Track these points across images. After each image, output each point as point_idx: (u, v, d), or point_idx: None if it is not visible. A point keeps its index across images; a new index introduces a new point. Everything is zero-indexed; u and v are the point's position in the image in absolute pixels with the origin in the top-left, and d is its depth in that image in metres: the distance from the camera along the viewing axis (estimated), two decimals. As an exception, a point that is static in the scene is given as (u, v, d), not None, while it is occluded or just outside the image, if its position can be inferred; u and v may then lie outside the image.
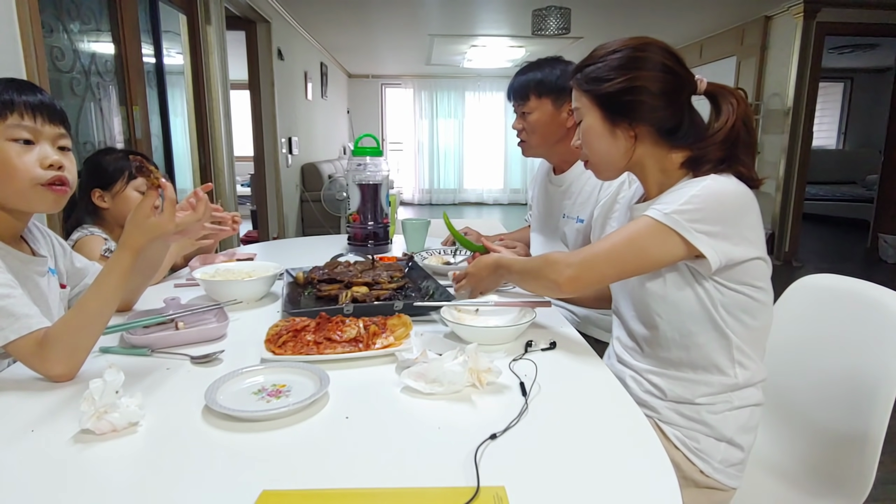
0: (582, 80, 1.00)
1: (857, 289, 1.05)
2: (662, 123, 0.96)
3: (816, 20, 4.67)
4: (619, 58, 0.96)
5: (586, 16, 4.93)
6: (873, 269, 4.93)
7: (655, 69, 0.94)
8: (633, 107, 0.95)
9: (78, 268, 1.16)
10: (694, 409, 0.94)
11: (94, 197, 1.53)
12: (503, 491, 0.57)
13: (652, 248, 0.89)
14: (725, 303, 0.91)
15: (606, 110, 0.97)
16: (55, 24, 2.16)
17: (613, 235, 0.94)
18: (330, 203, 5.04)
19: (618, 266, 0.92)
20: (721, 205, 0.87)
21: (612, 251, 0.92)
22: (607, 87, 0.96)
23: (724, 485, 0.93)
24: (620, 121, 0.97)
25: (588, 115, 1.00)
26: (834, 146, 8.87)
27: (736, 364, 0.93)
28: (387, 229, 1.83)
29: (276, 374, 0.84)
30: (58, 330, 0.84)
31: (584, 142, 1.03)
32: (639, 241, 0.90)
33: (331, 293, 1.21)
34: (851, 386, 0.98)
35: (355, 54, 7.40)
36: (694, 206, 0.86)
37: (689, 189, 0.89)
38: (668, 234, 0.87)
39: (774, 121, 5.08)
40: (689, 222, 0.86)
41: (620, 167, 1.02)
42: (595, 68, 0.98)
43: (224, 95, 3.53)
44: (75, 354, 0.84)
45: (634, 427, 0.73)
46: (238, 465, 0.63)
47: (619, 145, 0.98)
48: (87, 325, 0.85)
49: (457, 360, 0.82)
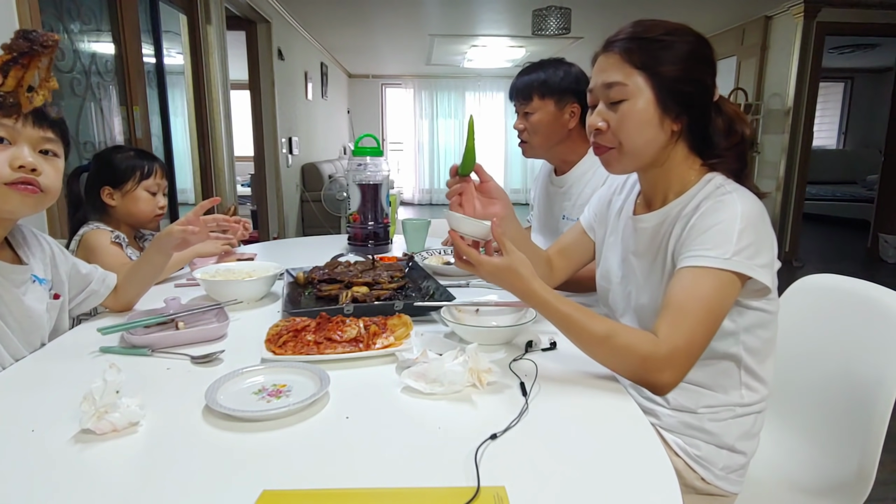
0: (640, 54, 0.87)
1: (858, 289, 1.05)
2: (700, 124, 0.91)
3: (817, 20, 4.67)
4: (687, 42, 0.88)
5: (586, 16, 4.92)
6: (873, 269, 4.93)
7: (711, 66, 0.91)
8: (689, 99, 0.89)
9: (83, 273, 1.15)
10: (696, 417, 0.93)
11: (103, 194, 1.52)
12: (503, 491, 0.57)
13: (729, 298, 0.82)
14: (745, 323, 0.90)
15: (662, 95, 0.87)
16: (55, 25, 2.16)
17: (690, 310, 0.80)
18: (330, 203, 5.04)
19: (710, 335, 0.82)
20: (762, 230, 0.84)
21: (702, 326, 0.80)
22: (673, 71, 0.87)
23: (725, 491, 0.92)
24: (671, 111, 0.88)
25: (638, 97, 0.88)
26: (834, 146, 8.87)
27: (743, 386, 0.92)
28: (387, 229, 1.83)
29: (277, 374, 0.84)
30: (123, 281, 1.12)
31: (619, 125, 0.90)
32: (719, 299, 0.81)
33: (331, 293, 1.21)
34: (852, 386, 0.98)
35: (355, 54, 7.40)
36: (747, 241, 0.81)
37: (726, 219, 0.83)
38: (735, 279, 0.81)
39: (775, 121, 5.08)
40: (749, 259, 0.81)
41: (647, 163, 0.93)
42: (660, 47, 0.87)
43: (224, 95, 3.53)
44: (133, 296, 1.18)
45: (635, 427, 0.73)
46: (238, 465, 0.63)
47: (661, 138, 0.90)
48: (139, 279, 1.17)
49: (457, 360, 0.82)
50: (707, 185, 0.90)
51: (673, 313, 0.80)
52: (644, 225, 0.98)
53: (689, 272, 0.82)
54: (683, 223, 0.89)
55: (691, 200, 0.90)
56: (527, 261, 0.88)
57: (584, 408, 0.79)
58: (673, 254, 0.90)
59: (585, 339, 0.83)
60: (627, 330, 0.82)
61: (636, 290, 1.00)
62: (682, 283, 0.82)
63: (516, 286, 0.87)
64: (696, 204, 0.89)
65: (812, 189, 6.24)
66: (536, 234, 1.70)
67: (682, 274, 0.83)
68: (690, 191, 0.92)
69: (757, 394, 0.93)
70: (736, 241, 0.81)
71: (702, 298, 0.80)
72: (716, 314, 0.81)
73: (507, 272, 0.87)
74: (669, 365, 0.78)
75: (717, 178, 0.91)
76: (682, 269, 0.84)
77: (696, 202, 0.89)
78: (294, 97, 5.31)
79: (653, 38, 0.88)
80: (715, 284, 0.80)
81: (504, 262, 0.87)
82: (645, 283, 0.97)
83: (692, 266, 0.82)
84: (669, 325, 0.80)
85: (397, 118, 9.54)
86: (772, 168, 5.13)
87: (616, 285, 1.06)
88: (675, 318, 0.80)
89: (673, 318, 0.80)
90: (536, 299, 0.86)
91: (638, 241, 0.99)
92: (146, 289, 1.22)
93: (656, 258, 0.95)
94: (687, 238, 0.86)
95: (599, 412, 0.77)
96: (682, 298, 0.81)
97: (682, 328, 0.79)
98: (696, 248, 0.83)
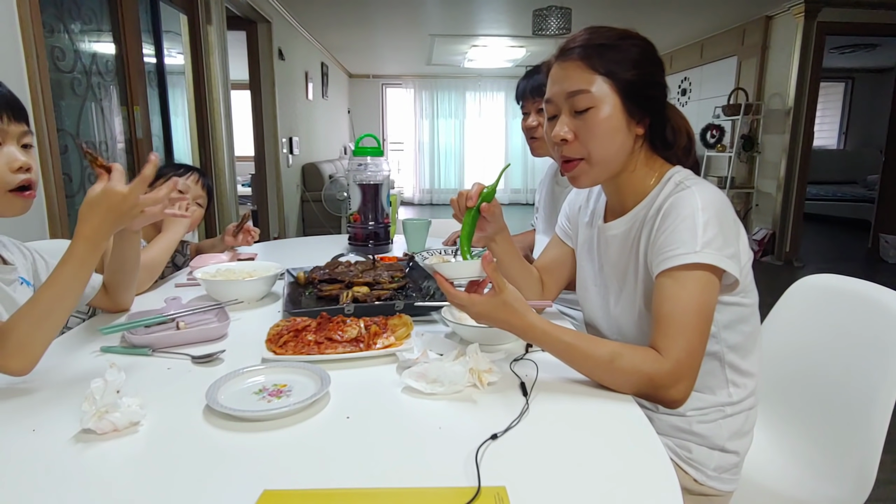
0: (601, 60, 0.87)
1: (858, 289, 1.05)
2: (660, 124, 0.92)
3: (817, 20, 4.67)
4: (638, 46, 0.88)
5: (586, 16, 4.92)
6: (874, 269, 4.93)
7: (663, 68, 0.91)
8: (652, 101, 0.89)
9: None
10: (685, 420, 0.93)
11: None
12: (504, 491, 0.57)
13: (713, 295, 0.81)
14: (723, 320, 0.90)
15: (628, 100, 0.87)
16: (56, 25, 2.17)
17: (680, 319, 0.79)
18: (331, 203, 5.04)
19: (705, 338, 0.81)
20: (725, 220, 0.82)
21: (696, 331, 0.79)
22: (634, 75, 0.86)
23: (718, 490, 0.92)
24: (636, 114, 0.88)
25: (604, 104, 0.86)
26: (835, 146, 8.86)
27: (729, 384, 0.92)
28: (387, 229, 1.83)
29: (277, 374, 0.84)
30: (11, 323, 0.80)
31: (588, 135, 0.88)
32: (704, 300, 0.80)
33: (332, 293, 1.21)
34: (852, 386, 0.98)
35: (356, 54, 7.41)
36: (712, 232, 0.80)
37: (688, 214, 0.82)
38: (711, 275, 0.80)
39: (775, 121, 5.08)
40: (719, 251, 0.80)
41: (616, 170, 0.92)
42: (617, 51, 0.87)
43: (225, 95, 3.53)
44: (29, 348, 0.80)
45: (635, 427, 0.73)
46: (239, 465, 0.63)
47: (628, 143, 0.90)
48: (42, 318, 0.81)
49: (458, 360, 0.82)
50: (667, 183, 0.90)
51: (665, 325, 0.80)
52: (613, 232, 0.97)
53: (668, 280, 0.81)
54: (650, 226, 0.88)
55: (655, 201, 0.90)
56: (519, 295, 0.85)
57: (584, 408, 0.78)
58: (645, 259, 0.89)
59: (590, 365, 0.82)
60: (630, 350, 0.80)
61: (613, 298, 0.99)
62: (665, 293, 0.81)
63: (512, 322, 0.84)
64: (659, 205, 0.88)
65: (813, 189, 6.24)
66: (542, 234, 1.71)
67: (661, 283, 0.82)
68: (653, 192, 0.92)
69: (744, 390, 0.93)
70: (701, 233, 0.80)
71: (688, 304, 0.79)
72: (705, 315, 0.80)
73: (503, 309, 0.83)
74: (676, 378, 0.78)
75: (676, 176, 0.90)
76: (659, 276, 0.83)
77: (658, 203, 0.89)
78: (294, 97, 5.31)
79: (609, 45, 0.87)
80: (696, 287, 0.80)
81: (497, 300, 0.83)
82: (620, 290, 0.97)
83: (667, 269, 0.82)
84: (665, 338, 0.79)
85: (398, 118, 9.55)
86: (772, 168, 5.13)
87: (593, 294, 1.05)
88: (668, 330, 0.79)
89: (667, 330, 0.79)
90: (535, 332, 0.83)
91: (609, 249, 0.99)
92: (133, 279, 1.14)
93: (628, 265, 0.94)
94: (655, 241, 0.86)
95: (600, 412, 0.77)
96: (670, 308, 0.80)
97: (678, 339, 0.78)
98: (666, 250, 0.83)
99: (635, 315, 0.93)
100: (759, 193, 5.39)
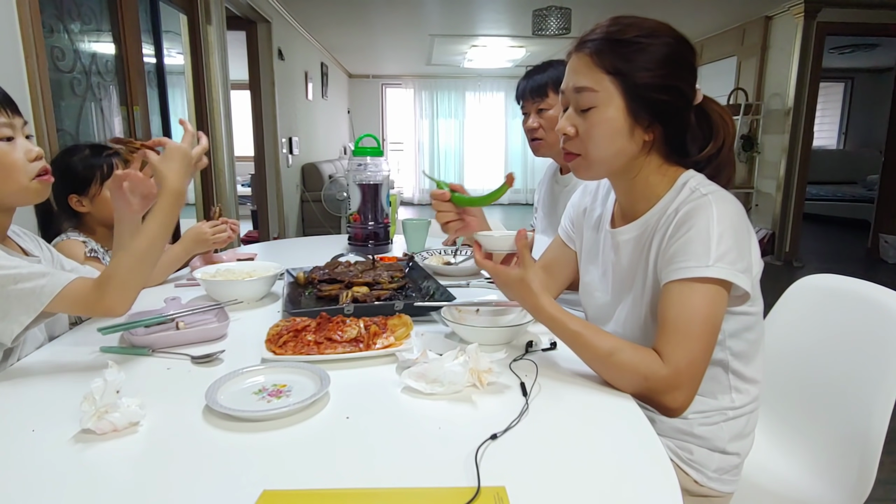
0: (612, 57, 0.82)
1: (858, 289, 1.05)
2: (676, 132, 0.88)
3: (817, 20, 4.68)
4: (665, 45, 0.83)
5: (586, 16, 4.92)
6: (874, 269, 4.93)
7: (691, 71, 0.86)
8: (664, 108, 0.84)
9: (68, 270, 1.14)
10: (686, 422, 0.92)
11: (71, 203, 1.43)
12: (504, 491, 0.57)
13: (721, 307, 0.80)
14: (730, 329, 0.89)
15: (634, 103, 0.83)
16: (56, 25, 2.16)
17: (686, 328, 0.78)
18: (330, 203, 5.04)
19: (710, 349, 0.80)
20: (740, 233, 0.81)
21: (700, 342, 0.78)
22: (647, 77, 0.82)
23: (719, 492, 0.92)
24: (643, 120, 0.84)
25: (607, 105, 0.83)
26: (834, 146, 8.87)
27: (732, 390, 0.92)
28: (387, 229, 1.83)
29: (277, 374, 0.84)
30: (111, 269, 0.90)
31: (587, 134, 0.86)
32: (712, 312, 0.79)
33: (331, 293, 1.21)
34: (852, 386, 0.98)
35: (356, 54, 7.40)
36: (726, 246, 0.78)
37: (703, 226, 0.80)
38: (721, 287, 0.79)
39: (775, 121, 5.08)
40: (731, 265, 0.78)
41: (617, 172, 0.91)
42: (635, 49, 0.82)
43: (224, 95, 3.53)
44: (129, 290, 0.90)
45: (635, 427, 0.73)
46: (239, 465, 0.63)
47: (630, 149, 0.86)
48: (137, 264, 0.91)
49: (457, 360, 0.82)
50: (682, 190, 0.87)
51: (669, 333, 0.79)
52: (623, 238, 0.95)
53: (676, 287, 0.80)
54: (662, 234, 0.86)
55: (668, 208, 0.87)
56: (540, 274, 0.88)
57: (584, 408, 0.79)
58: (655, 266, 0.88)
59: (590, 356, 0.83)
60: (632, 348, 0.80)
61: (618, 302, 0.98)
62: (672, 301, 0.80)
63: (526, 300, 0.88)
64: (672, 212, 0.86)
65: (812, 189, 6.24)
66: (541, 235, 1.71)
67: (669, 290, 0.81)
68: (666, 197, 0.89)
69: (747, 395, 0.93)
70: (715, 247, 0.78)
71: (694, 314, 0.78)
72: (711, 327, 0.79)
73: (520, 284, 0.87)
74: (673, 386, 0.77)
75: (691, 181, 0.87)
76: (668, 284, 0.81)
77: (672, 209, 0.86)
78: (294, 97, 5.31)
79: (628, 40, 0.82)
80: (704, 298, 0.78)
81: (517, 273, 0.88)
82: (627, 295, 0.95)
83: (677, 280, 0.80)
84: (668, 344, 0.78)
85: (397, 118, 9.55)
86: (772, 168, 5.13)
87: (598, 298, 1.03)
88: (672, 336, 0.78)
89: (670, 338, 0.78)
90: (544, 315, 0.86)
91: (618, 254, 0.97)
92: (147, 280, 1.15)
93: (637, 270, 0.93)
94: (667, 249, 0.84)
95: (600, 412, 0.77)
96: (676, 316, 0.79)
97: (680, 348, 0.77)
98: (677, 261, 0.81)
99: (640, 321, 0.92)
100: (759, 193, 5.39)
